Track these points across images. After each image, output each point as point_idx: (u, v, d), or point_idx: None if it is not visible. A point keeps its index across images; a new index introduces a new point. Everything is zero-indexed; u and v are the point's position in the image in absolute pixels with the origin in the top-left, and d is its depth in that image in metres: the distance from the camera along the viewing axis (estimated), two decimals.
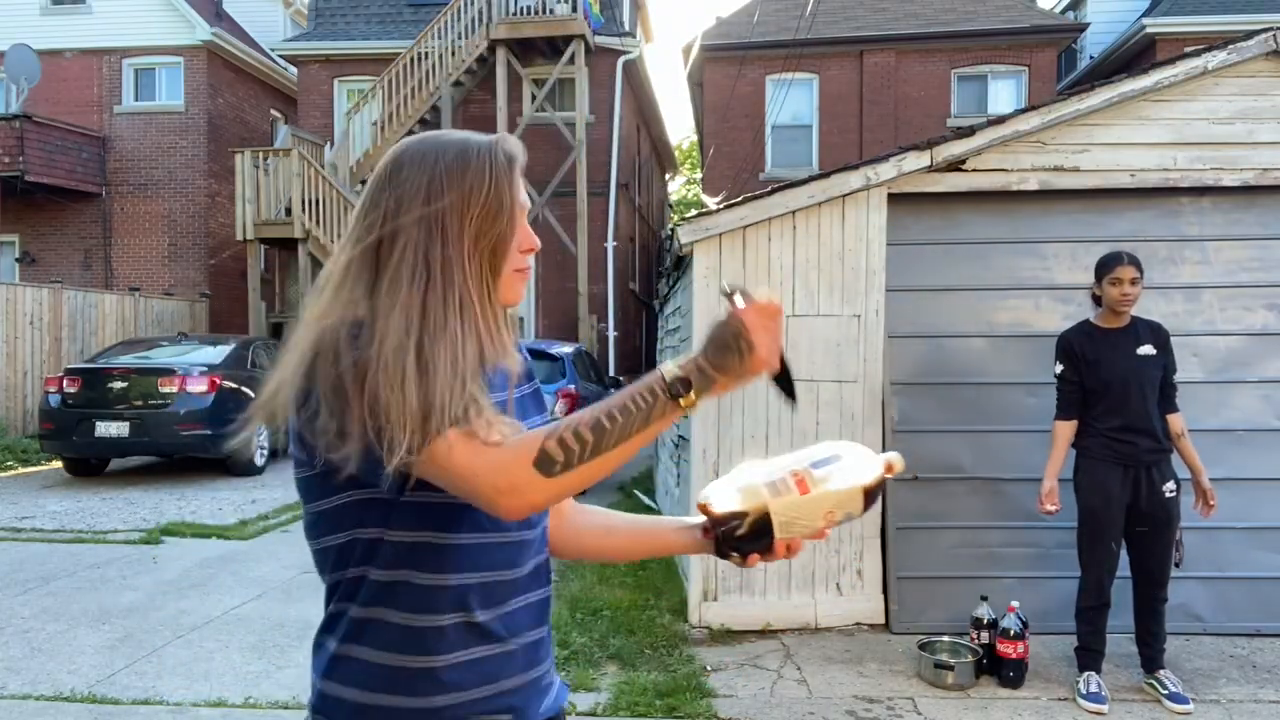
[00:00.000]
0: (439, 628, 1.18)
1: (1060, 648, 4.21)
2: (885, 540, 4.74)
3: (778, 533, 1.21)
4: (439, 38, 15.29)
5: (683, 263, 5.48)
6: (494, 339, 1.17)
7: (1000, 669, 3.99)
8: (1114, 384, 3.77)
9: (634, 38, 16.91)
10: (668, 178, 29.28)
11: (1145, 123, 4.72)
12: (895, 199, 4.80)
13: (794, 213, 4.78)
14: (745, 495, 1.22)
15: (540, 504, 1.10)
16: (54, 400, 9.47)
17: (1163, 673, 3.86)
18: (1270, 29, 4.65)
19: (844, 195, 4.76)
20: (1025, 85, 16.75)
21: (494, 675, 1.21)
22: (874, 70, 16.89)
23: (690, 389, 1.09)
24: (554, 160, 15.53)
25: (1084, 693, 3.78)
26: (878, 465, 1.26)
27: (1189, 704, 3.72)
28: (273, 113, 20.03)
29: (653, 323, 16.15)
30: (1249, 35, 4.68)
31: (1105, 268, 3.82)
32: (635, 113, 18.85)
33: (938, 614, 4.61)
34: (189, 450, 9.58)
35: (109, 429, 9.20)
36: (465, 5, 15.29)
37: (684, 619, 4.82)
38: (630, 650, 4.37)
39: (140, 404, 9.29)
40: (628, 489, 8.99)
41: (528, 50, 15.54)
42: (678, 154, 29.80)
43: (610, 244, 16.02)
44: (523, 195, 1.22)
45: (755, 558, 1.24)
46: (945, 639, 4.21)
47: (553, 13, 15.16)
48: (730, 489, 1.24)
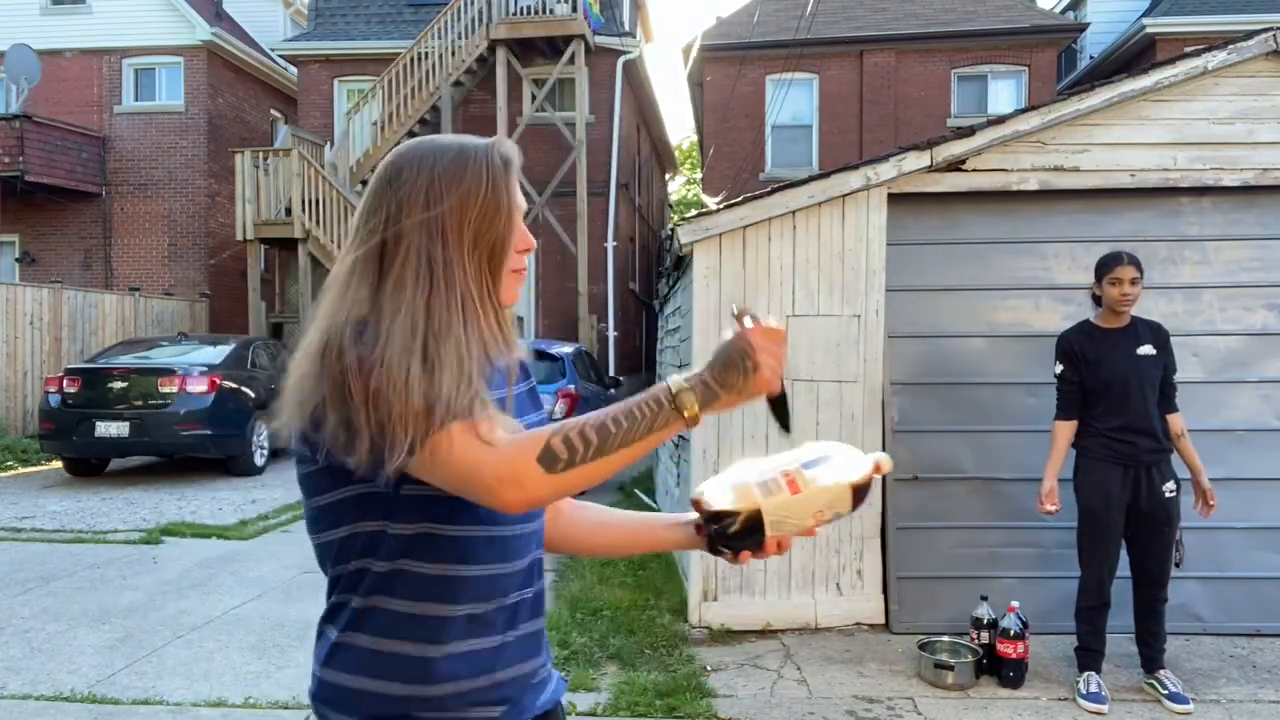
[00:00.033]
0: (438, 617, 1.21)
1: (1060, 648, 4.21)
2: (885, 540, 4.74)
3: (769, 531, 1.23)
4: (439, 38, 15.30)
5: (683, 263, 5.48)
6: (494, 338, 1.20)
7: (1000, 669, 4.00)
8: (1114, 384, 3.77)
9: (634, 38, 16.91)
10: (668, 178, 29.28)
11: (1145, 123, 4.72)
12: (895, 199, 4.80)
13: (794, 213, 4.79)
14: (738, 494, 1.24)
15: (540, 499, 1.12)
16: (54, 400, 9.47)
17: (1163, 673, 3.86)
18: (1270, 29, 4.66)
19: (844, 195, 4.76)
20: (1025, 85, 16.75)
21: (490, 666, 1.23)
22: (874, 70, 16.89)
23: (695, 402, 1.12)
24: (554, 160, 15.53)
25: (1084, 693, 3.78)
26: (866, 465, 1.28)
27: (1189, 704, 3.72)
28: (273, 113, 20.04)
29: (653, 323, 16.15)
30: (1249, 35, 4.68)
31: (1105, 268, 3.83)
32: (635, 113, 18.85)
33: (938, 614, 4.61)
34: (189, 450, 9.59)
35: (109, 429, 9.20)
36: (465, 5, 15.29)
37: (684, 619, 4.82)
38: (630, 650, 4.37)
39: (140, 404, 9.29)
40: (628, 489, 8.99)
41: (528, 50, 15.54)
42: (678, 154, 29.79)
43: (610, 244, 16.02)
44: (519, 196, 1.24)
45: (746, 554, 1.27)
46: (945, 639, 4.21)
47: (553, 13, 15.16)
48: (723, 488, 1.26)
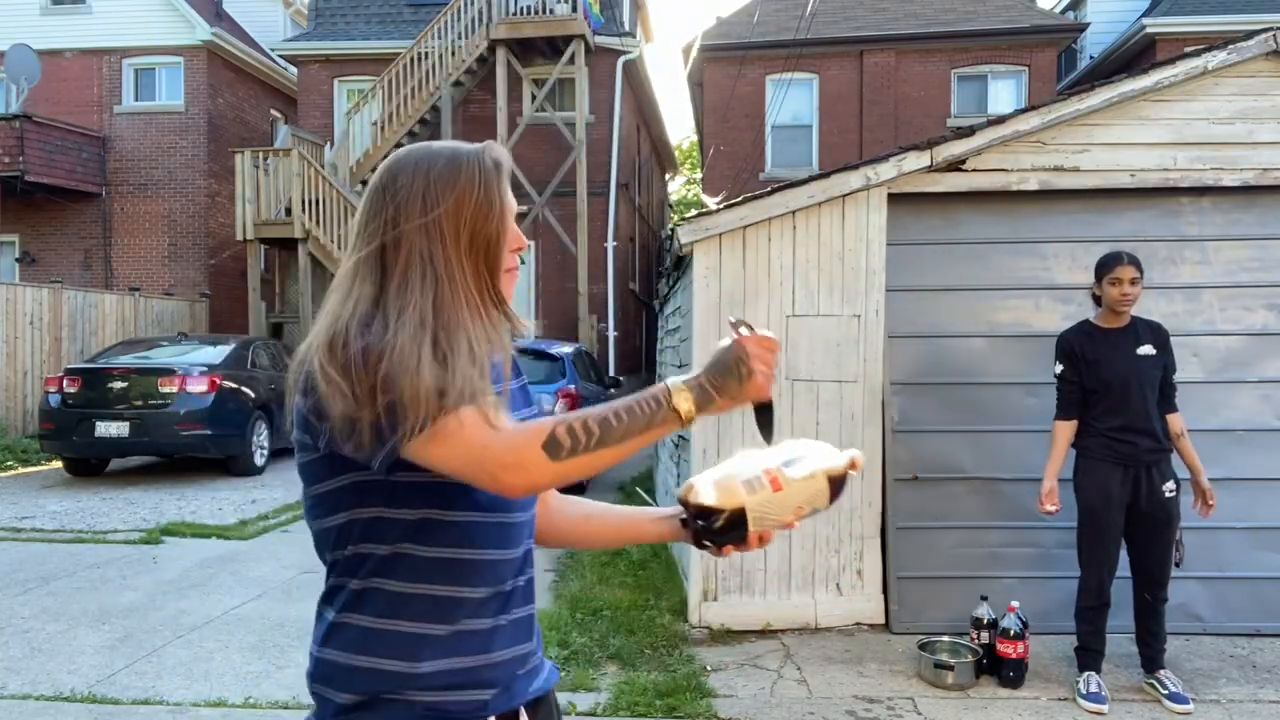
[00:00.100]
0: (435, 598, 1.24)
1: (1060, 648, 4.21)
2: (885, 540, 4.74)
3: (752, 526, 1.29)
4: (439, 38, 15.30)
5: (683, 263, 5.48)
6: (495, 334, 1.24)
7: (1000, 669, 3.99)
8: (1114, 384, 3.77)
9: (634, 38, 16.91)
10: (668, 178, 29.28)
11: (1145, 123, 4.72)
12: (895, 199, 4.80)
13: (794, 213, 4.79)
14: (723, 492, 1.29)
15: (541, 484, 1.17)
16: (54, 400, 9.47)
17: (1163, 673, 3.86)
18: (1270, 29, 4.66)
19: (844, 195, 4.76)
20: (1025, 85, 16.75)
21: (483, 648, 1.27)
22: (874, 70, 16.89)
23: (691, 403, 1.18)
24: (554, 160, 15.54)
25: (1084, 693, 3.78)
26: (841, 462, 1.34)
27: (1189, 704, 3.72)
28: (273, 113, 20.04)
29: (653, 323, 16.15)
30: (1249, 35, 4.68)
31: (1105, 268, 3.83)
32: (635, 113, 18.86)
33: (938, 614, 4.61)
34: (189, 450, 9.59)
35: (109, 429, 9.20)
36: (465, 5, 15.29)
37: (684, 619, 4.82)
38: (630, 650, 4.37)
39: (140, 404, 9.29)
40: (628, 488, 8.99)
41: (528, 50, 15.54)
42: (678, 154, 29.80)
43: (610, 244, 16.02)
44: (510, 198, 1.29)
45: (730, 548, 1.32)
46: (945, 639, 4.21)
47: (553, 13, 15.16)
48: (708, 485, 1.31)
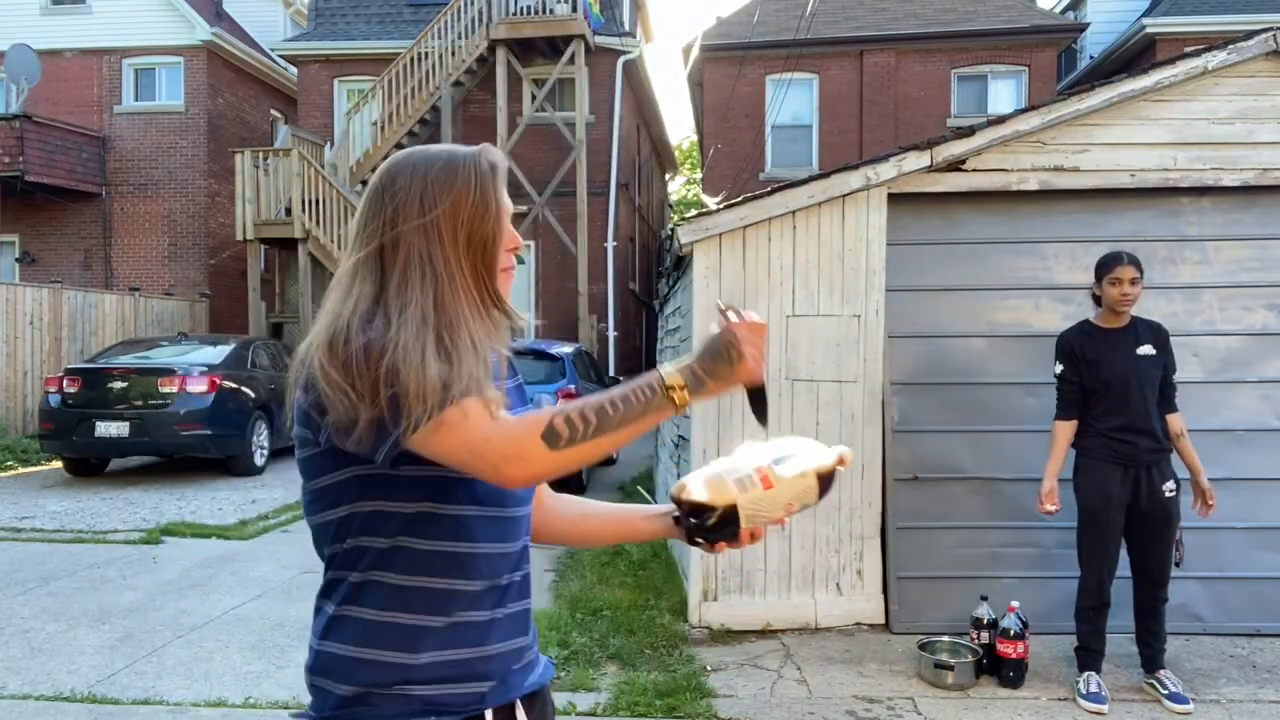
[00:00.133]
0: (434, 590, 1.26)
1: (1060, 648, 4.21)
2: (885, 540, 4.74)
3: (744, 523, 1.32)
4: (439, 38, 15.30)
5: (683, 263, 5.48)
6: (494, 331, 1.27)
7: (1000, 669, 3.99)
8: (1114, 384, 3.77)
9: (634, 38, 16.91)
10: (668, 178, 29.28)
11: (1145, 123, 4.72)
12: (895, 199, 4.80)
13: (794, 213, 4.79)
14: (716, 490, 1.32)
15: (541, 474, 1.19)
16: (54, 400, 9.46)
17: (1163, 673, 3.86)
18: (1270, 29, 4.65)
19: (844, 195, 4.76)
20: (1025, 85, 16.75)
21: (480, 640, 1.29)
22: (874, 70, 16.89)
23: (684, 390, 1.20)
24: (554, 160, 15.54)
25: (1084, 693, 3.78)
26: (830, 458, 1.37)
27: (1189, 704, 3.72)
28: (273, 113, 20.03)
29: (653, 323, 16.15)
30: (1249, 35, 4.68)
31: (1105, 268, 3.83)
32: (635, 113, 18.85)
33: (938, 614, 4.61)
34: (189, 450, 9.58)
35: (109, 429, 9.20)
36: (465, 5, 15.29)
37: (684, 619, 4.82)
38: (630, 650, 4.37)
39: (140, 404, 9.28)
40: (628, 488, 8.99)
41: (528, 50, 15.54)
42: (678, 154, 29.79)
43: (610, 244, 16.02)
44: (506, 199, 1.32)
45: (722, 545, 1.35)
46: (945, 639, 4.21)
47: (553, 13, 15.16)
48: (701, 484, 1.34)
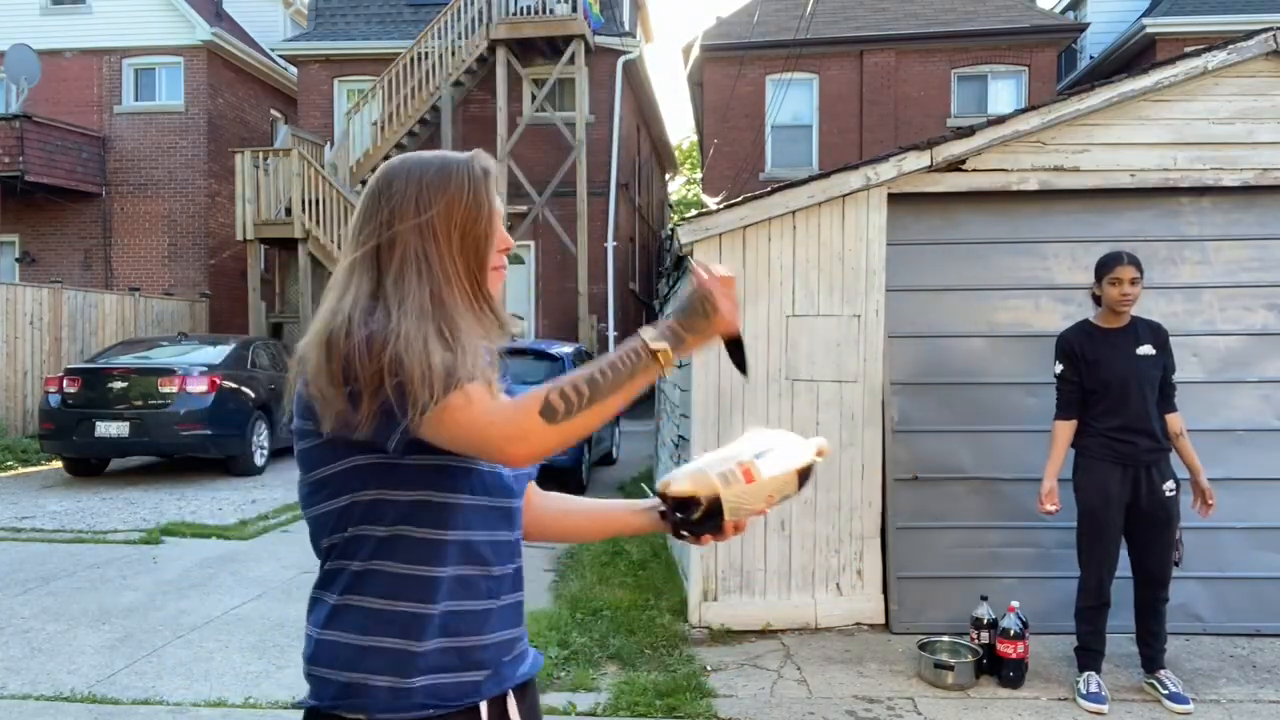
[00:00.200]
0: (435, 578, 1.29)
1: (1060, 648, 4.21)
2: (885, 540, 4.74)
3: (727, 515, 1.36)
4: (439, 38, 15.30)
5: (683, 263, 5.48)
6: (487, 326, 1.31)
7: (1000, 669, 4.00)
8: (1113, 384, 3.77)
9: (634, 38, 16.92)
10: (668, 178, 29.28)
11: (1145, 123, 4.72)
12: (895, 199, 4.80)
13: (794, 213, 4.79)
14: (700, 484, 1.35)
15: (544, 450, 1.22)
16: (54, 400, 9.46)
17: (1163, 673, 3.86)
18: (1270, 29, 4.65)
19: (844, 195, 4.76)
20: (1025, 85, 16.76)
21: (477, 628, 1.33)
22: (874, 70, 16.89)
23: (667, 348, 1.25)
24: (554, 160, 15.54)
25: (1084, 693, 3.78)
26: (809, 451, 1.41)
27: (1189, 704, 3.72)
28: (273, 113, 20.04)
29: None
30: (1249, 35, 4.68)
31: (1105, 268, 3.83)
32: (635, 113, 18.86)
33: (938, 614, 4.61)
34: (189, 450, 9.58)
35: (109, 429, 9.19)
36: (465, 5, 15.29)
37: (684, 619, 4.82)
38: (630, 650, 4.37)
39: (140, 404, 9.28)
40: (629, 488, 8.99)
41: (528, 50, 15.54)
42: (678, 154, 29.80)
43: (610, 244, 16.02)
44: (498, 202, 1.36)
45: (708, 537, 1.39)
46: (945, 639, 4.21)
47: (553, 13, 15.17)
48: (686, 478, 1.38)
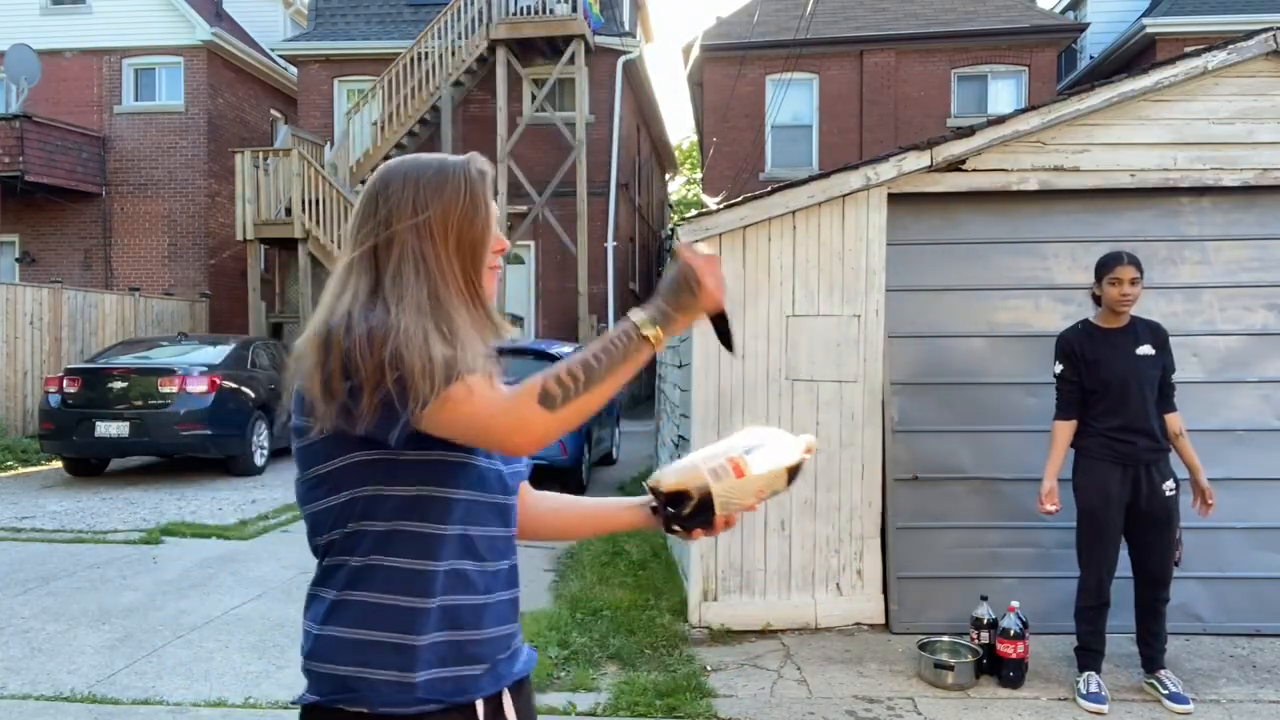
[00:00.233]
0: (433, 572, 1.31)
1: (1060, 648, 4.21)
2: (885, 540, 4.74)
3: (718, 510, 1.38)
4: (439, 38, 15.30)
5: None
6: (483, 324, 1.32)
7: (1000, 669, 4.00)
8: (1113, 384, 3.77)
9: (634, 38, 16.92)
10: (668, 178, 29.28)
11: (1145, 123, 4.72)
12: (895, 199, 4.80)
13: (794, 213, 4.79)
14: (690, 480, 1.38)
15: (546, 437, 1.24)
16: (54, 400, 9.45)
17: (1163, 673, 3.86)
18: (1270, 29, 4.65)
19: (844, 195, 4.76)
20: (1025, 85, 16.76)
21: (474, 623, 1.34)
22: (874, 70, 16.89)
23: (657, 328, 1.26)
24: (554, 160, 15.54)
25: (1084, 693, 3.78)
26: (798, 448, 1.44)
27: (1189, 704, 3.72)
28: (273, 113, 20.04)
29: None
30: (1249, 35, 4.68)
31: (1105, 268, 3.83)
32: (635, 113, 18.86)
33: (938, 614, 4.61)
34: (189, 450, 9.58)
35: (109, 429, 9.19)
36: (465, 5, 15.30)
37: (684, 619, 4.82)
38: (630, 650, 4.37)
39: (140, 404, 9.27)
40: (629, 488, 8.99)
41: (528, 50, 15.54)
42: (678, 154, 29.80)
43: (610, 244, 16.03)
44: (493, 204, 1.39)
45: (699, 532, 1.42)
46: (945, 639, 4.21)
47: (553, 13, 15.17)
48: (677, 474, 1.40)
